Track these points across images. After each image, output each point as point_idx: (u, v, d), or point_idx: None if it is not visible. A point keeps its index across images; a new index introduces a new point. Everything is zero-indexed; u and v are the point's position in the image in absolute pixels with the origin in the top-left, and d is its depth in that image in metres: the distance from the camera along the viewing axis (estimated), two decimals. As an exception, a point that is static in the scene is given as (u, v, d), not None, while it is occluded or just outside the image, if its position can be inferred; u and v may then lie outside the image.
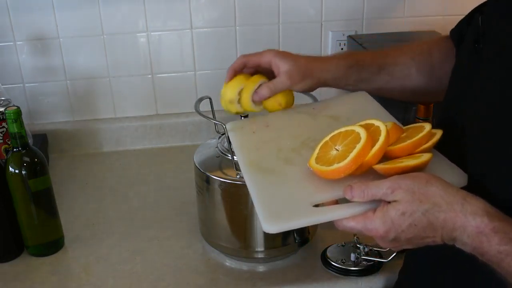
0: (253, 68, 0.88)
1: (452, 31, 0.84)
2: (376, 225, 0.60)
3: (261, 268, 0.93)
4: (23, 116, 0.89)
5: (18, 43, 1.29)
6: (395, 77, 0.86)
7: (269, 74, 0.86)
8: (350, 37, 1.31)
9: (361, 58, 0.85)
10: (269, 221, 0.62)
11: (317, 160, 0.68)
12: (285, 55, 0.84)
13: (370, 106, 0.85)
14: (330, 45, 1.37)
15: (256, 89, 0.85)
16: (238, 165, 0.78)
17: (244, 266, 0.93)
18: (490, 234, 0.55)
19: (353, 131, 0.67)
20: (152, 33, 1.32)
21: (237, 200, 0.88)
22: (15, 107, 0.88)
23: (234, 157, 0.89)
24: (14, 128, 0.88)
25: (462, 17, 0.85)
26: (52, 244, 0.97)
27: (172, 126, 1.38)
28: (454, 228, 0.57)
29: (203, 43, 1.34)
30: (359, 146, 0.64)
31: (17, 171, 0.90)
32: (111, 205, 1.13)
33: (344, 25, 1.36)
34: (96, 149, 1.37)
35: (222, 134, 0.95)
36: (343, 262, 0.89)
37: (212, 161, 0.93)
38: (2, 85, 1.24)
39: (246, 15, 1.32)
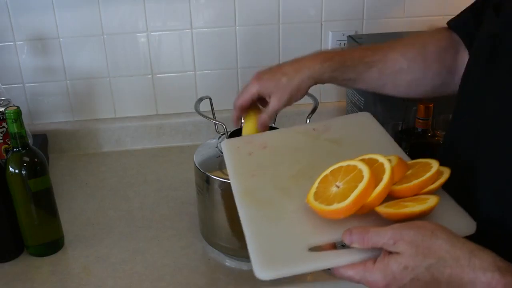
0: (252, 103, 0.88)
1: (454, 23, 0.83)
2: (376, 277, 0.56)
3: (261, 268, 0.92)
4: (23, 116, 0.89)
5: (18, 43, 1.28)
6: (385, 73, 0.84)
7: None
8: (350, 37, 1.31)
9: (348, 58, 0.83)
10: (262, 267, 0.57)
11: (316, 196, 0.63)
12: (265, 82, 0.84)
13: (374, 130, 0.81)
14: (330, 45, 1.37)
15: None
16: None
17: (244, 266, 0.93)
18: None
19: (355, 167, 0.62)
20: (152, 33, 1.32)
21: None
22: (15, 107, 0.88)
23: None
24: (14, 128, 0.88)
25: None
26: (52, 244, 0.97)
27: (172, 126, 1.38)
28: (461, 283, 0.53)
29: (203, 43, 1.34)
30: (361, 186, 0.60)
31: (17, 171, 0.90)
32: (111, 205, 1.13)
33: (344, 25, 1.36)
34: (96, 149, 1.37)
35: (222, 134, 0.95)
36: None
37: (212, 161, 0.93)
38: (2, 85, 1.24)
39: (246, 15, 1.32)
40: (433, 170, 0.63)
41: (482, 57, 0.69)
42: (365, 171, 0.61)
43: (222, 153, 0.92)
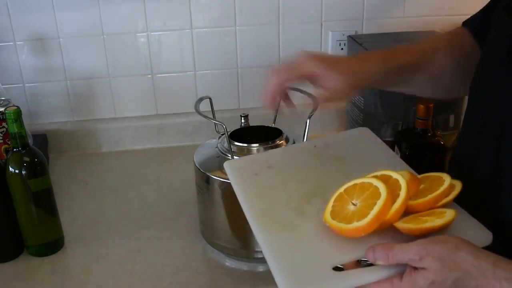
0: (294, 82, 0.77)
1: (470, 24, 0.82)
2: None
3: (261, 268, 0.93)
4: (23, 116, 0.89)
5: (18, 43, 1.29)
6: (432, 76, 0.81)
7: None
8: (350, 37, 1.31)
9: (402, 60, 0.78)
10: (288, 287, 0.58)
11: (333, 215, 0.63)
12: (324, 60, 0.73)
13: (374, 145, 0.82)
14: (330, 45, 1.37)
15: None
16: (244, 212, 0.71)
17: (244, 266, 0.93)
18: None
19: (370, 184, 0.63)
20: (152, 33, 1.32)
21: (237, 200, 0.87)
22: (15, 107, 0.88)
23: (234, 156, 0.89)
24: (14, 128, 0.88)
25: (462, 17, 0.84)
26: (52, 244, 0.97)
27: (172, 126, 1.38)
28: None
29: (203, 43, 1.34)
30: (379, 204, 0.60)
31: (17, 171, 0.90)
32: (111, 205, 1.13)
33: (344, 25, 1.36)
34: (96, 149, 1.37)
35: (222, 134, 0.95)
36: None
37: (212, 161, 0.93)
38: (2, 85, 1.24)
39: (246, 15, 1.32)
40: (446, 184, 0.64)
41: (498, 58, 0.68)
42: (382, 188, 0.61)
43: (222, 153, 0.92)
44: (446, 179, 0.65)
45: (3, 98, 1.14)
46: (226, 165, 0.79)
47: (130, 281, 0.90)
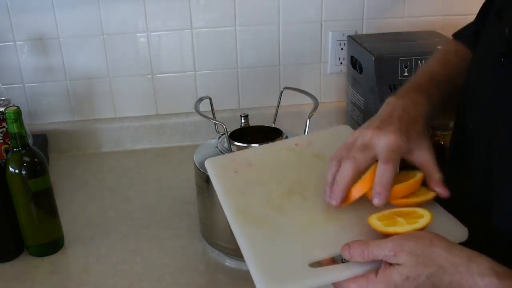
0: None
1: (462, 37, 0.82)
2: None
3: (261, 268, 0.93)
4: (23, 116, 0.89)
5: (18, 43, 1.29)
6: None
7: None
8: (350, 37, 1.31)
9: (434, 90, 0.75)
10: (265, 283, 0.58)
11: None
12: (410, 134, 0.68)
13: None
14: (330, 45, 1.37)
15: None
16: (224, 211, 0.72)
17: (244, 266, 0.93)
18: None
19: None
20: (152, 33, 1.32)
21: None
22: (15, 107, 0.88)
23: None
24: (14, 128, 0.88)
25: (462, 17, 0.84)
26: (52, 244, 0.97)
27: (172, 126, 1.38)
28: None
29: (203, 43, 1.34)
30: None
31: (17, 171, 0.90)
32: (111, 205, 1.13)
33: (344, 25, 1.36)
34: (96, 149, 1.37)
35: (222, 134, 0.95)
36: (343, 262, 0.89)
37: (212, 161, 0.93)
38: (2, 85, 1.24)
39: (246, 15, 1.32)
40: (418, 175, 0.66)
41: (490, 62, 0.67)
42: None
43: (222, 153, 0.92)
44: (418, 174, 0.67)
45: (3, 98, 1.14)
46: (207, 162, 0.80)
47: (130, 281, 0.90)
